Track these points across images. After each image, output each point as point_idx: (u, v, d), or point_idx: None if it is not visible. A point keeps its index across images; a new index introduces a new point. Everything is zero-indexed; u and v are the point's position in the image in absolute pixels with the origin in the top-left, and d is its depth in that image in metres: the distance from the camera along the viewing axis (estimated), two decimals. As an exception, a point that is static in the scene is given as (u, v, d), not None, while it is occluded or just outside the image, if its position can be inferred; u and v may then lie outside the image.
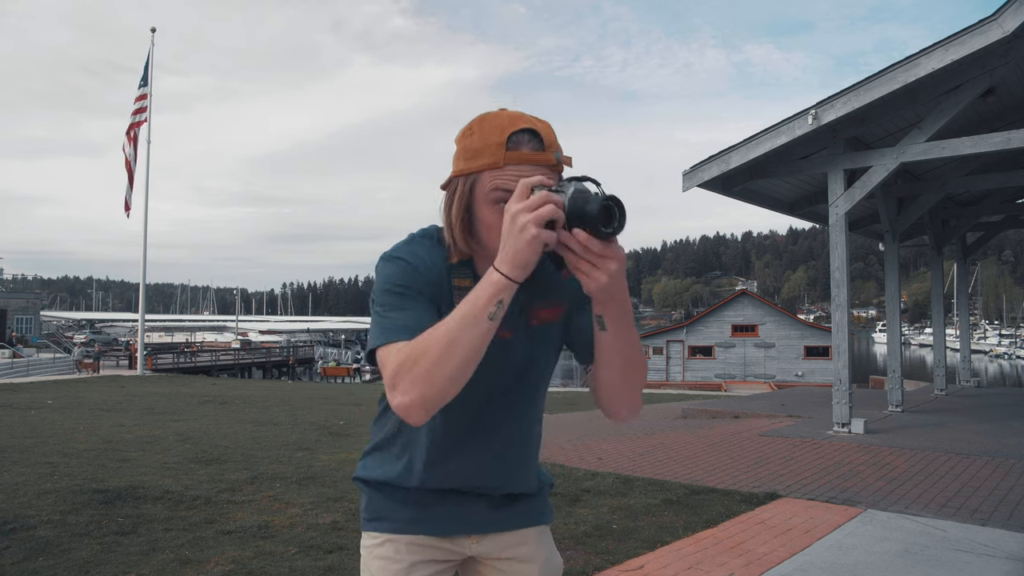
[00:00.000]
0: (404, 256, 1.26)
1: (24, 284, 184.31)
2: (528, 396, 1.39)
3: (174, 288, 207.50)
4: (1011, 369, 63.28)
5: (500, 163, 1.17)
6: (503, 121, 1.20)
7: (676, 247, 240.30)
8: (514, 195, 1.09)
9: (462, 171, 1.21)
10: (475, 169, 1.19)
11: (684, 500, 5.24)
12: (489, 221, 1.19)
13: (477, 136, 1.20)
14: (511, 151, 1.17)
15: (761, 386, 32.97)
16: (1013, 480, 5.95)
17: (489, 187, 1.18)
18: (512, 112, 1.23)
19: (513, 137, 1.17)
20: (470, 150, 1.20)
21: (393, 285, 1.23)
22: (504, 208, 1.12)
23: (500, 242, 1.11)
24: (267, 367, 41.58)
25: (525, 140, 1.18)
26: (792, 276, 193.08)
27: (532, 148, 1.18)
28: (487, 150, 1.18)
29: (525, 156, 1.16)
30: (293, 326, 76.62)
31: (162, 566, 3.66)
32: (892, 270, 11.23)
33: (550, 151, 1.19)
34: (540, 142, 1.18)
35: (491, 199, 1.18)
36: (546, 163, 1.17)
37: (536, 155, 1.17)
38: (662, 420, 11.03)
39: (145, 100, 24.60)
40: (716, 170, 9.04)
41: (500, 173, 1.17)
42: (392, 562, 1.38)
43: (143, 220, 25.61)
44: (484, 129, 1.20)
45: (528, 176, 1.14)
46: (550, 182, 1.13)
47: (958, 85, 7.91)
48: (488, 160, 1.17)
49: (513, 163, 1.16)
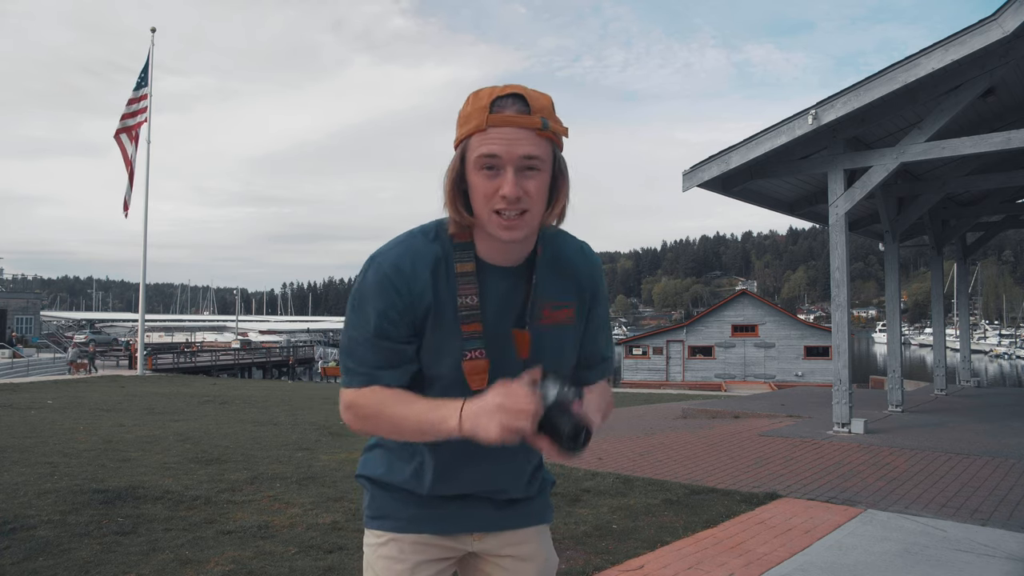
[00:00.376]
0: (388, 271, 1.26)
1: (24, 284, 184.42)
2: None
3: (174, 288, 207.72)
4: (1011, 369, 63.26)
5: (483, 125, 1.17)
6: (494, 89, 1.21)
7: (676, 247, 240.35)
8: (510, 391, 1.16)
9: (456, 140, 1.23)
10: (464, 135, 1.21)
11: (684, 500, 5.24)
12: (476, 186, 1.20)
13: (469, 104, 1.22)
14: (495, 114, 1.18)
15: (761, 386, 32.99)
16: (1013, 480, 5.95)
17: (473, 156, 1.19)
18: (508, 84, 1.24)
19: (498, 101, 1.19)
20: (462, 117, 1.22)
21: (371, 311, 1.26)
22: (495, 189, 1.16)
23: (477, 388, 1.25)
24: (267, 367, 41.57)
25: (509, 103, 1.19)
26: (792, 276, 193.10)
27: (516, 111, 1.18)
28: (474, 115, 1.19)
29: (508, 119, 1.17)
30: (293, 326, 76.68)
31: (162, 566, 3.66)
32: (892, 270, 11.23)
33: (536, 115, 1.19)
34: (526, 105, 1.19)
35: (477, 165, 1.19)
36: (530, 126, 1.18)
37: (520, 118, 1.17)
38: (662, 420, 11.03)
39: (145, 100, 24.59)
40: (716, 170, 9.04)
41: (484, 136, 1.18)
42: (396, 561, 1.39)
43: (143, 220, 25.59)
44: (478, 97, 1.22)
45: (513, 139, 1.16)
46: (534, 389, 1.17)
47: (958, 85, 7.91)
48: (474, 124, 1.19)
49: (496, 125, 1.17)
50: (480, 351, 1.28)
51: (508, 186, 1.16)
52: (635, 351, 39.76)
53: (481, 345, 1.28)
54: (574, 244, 1.39)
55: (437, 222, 1.31)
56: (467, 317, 1.27)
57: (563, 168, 1.25)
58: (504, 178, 1.17)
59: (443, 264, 1.28)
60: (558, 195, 1.25)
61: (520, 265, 1.31)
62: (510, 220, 1.19)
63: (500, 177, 1.18)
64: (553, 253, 1.35)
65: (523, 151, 1.17)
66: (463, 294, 1.27)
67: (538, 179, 1.20)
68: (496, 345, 1.30)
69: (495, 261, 1.29)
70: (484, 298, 1.29)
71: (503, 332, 1.31)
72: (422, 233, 1.30)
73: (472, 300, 1.27)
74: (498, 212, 1.19)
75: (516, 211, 1.18)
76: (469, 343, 1.28)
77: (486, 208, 1.19)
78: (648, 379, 38.16)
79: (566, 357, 1.38)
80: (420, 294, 1.26)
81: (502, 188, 1.17)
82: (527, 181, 1.18)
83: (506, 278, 1.30)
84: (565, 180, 1.25)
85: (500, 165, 1.17)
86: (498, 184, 1.17)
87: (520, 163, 1.17)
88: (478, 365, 1.28)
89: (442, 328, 1.28)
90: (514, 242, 1.23)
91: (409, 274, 1.26)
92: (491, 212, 1.19)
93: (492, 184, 1.18)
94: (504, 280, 1.30)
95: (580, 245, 1.40)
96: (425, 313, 1.27)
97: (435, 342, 1.29)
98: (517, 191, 1.17)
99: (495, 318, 1.30)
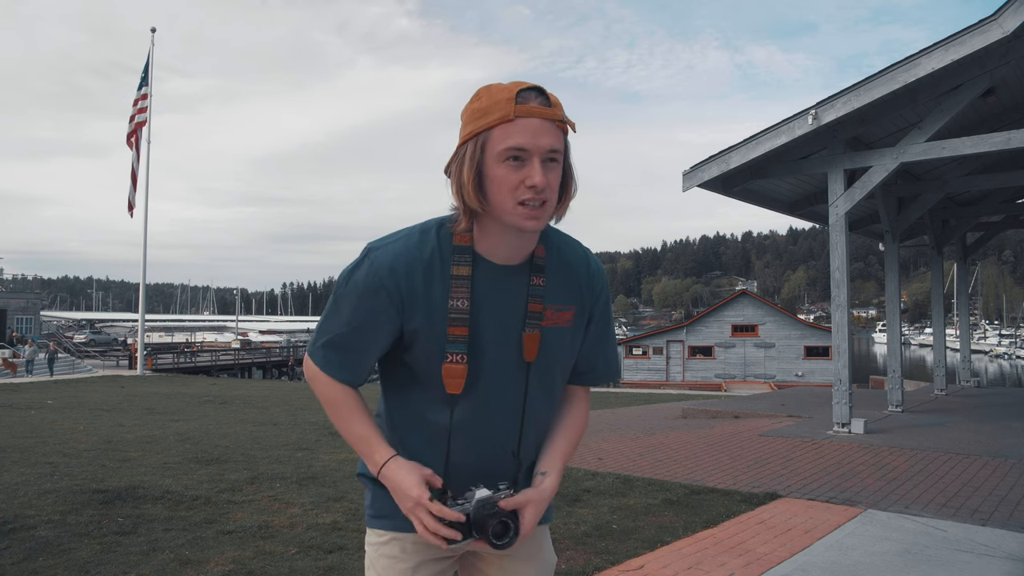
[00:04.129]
0: (382, 272, 1.27)
1: (24, 284, 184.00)
2: (542, 401, 1.40)
3: (174, 288, 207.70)
4: (1011, 369, 63.22)
5: (511, 115, 1.19)
6: (511, 84, 1.24)
7: (676, 247, 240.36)
8: (425, 505, 1.25)
9: (472, 132, 1.23)
10: (486, 126, 1.21)
11: (684, 500, 5.24)
12: (500, 178, 1.21)
13: (485, 99, 1.23)
14: (521, 104, 1.20)
15: (761, 386, 32.98)
16: (1013, 480, 5.95)
17: (500, 147, 1.20)
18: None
19: (522, 93, 1.21)
20: (479, 111, 1.22)
21: (355, 306, 1.29)
22: (508, 171, 1.19)
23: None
24: (267, 367, 41.57)
25: (533, 96, 1.21)
26: (792, 276, 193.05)
27: (540, 104, 1.21)
28: (497, 107, 1.20)
29: (535, 110, 1.20)
30: (293, 326, 76.69)
31: (162, 566, 3.66)
32: (892, 270, 11.23)
33: (556, 109, 1.22)
34: (547, 100, 1.22)
35: (502, 157, 1.20)
36: (554, 118, 1.21)
37: (545, 110, 1.20)
38: (662, 420, 11.03)
39: (145, 100, 24.60)
40: (716, 170, 9.04)
41: (510, 127, 1.19)
42: (398, 560, 1.39)
43: (143, 220, 25.61)
44: (492, 92, 1.23)
45: (539, 131, 1.19)
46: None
47: (958, 85, 7.91)
48: (499, 115, 1.20)
49: (523, 115, 1.19)
50: (461, 355, 1.29)
51: (538, 176, 1.19)
52: (635, 351, 39.74)
53: (463, 349, 1.29)
54: (579, 250, 1.41)
55: (439, 221, 1.32)
56: (455, 320, 1.28)
57: (571, 163, 1.28)
58: (532, 168, 1.19)
59: (439, 265, 1.28)
60: (567, 189, 1.28)
61: (522, 264, 1.32)
62: (534, 210, 1.21)
63: (526, 168, 1.20)
64: (559, 256, 1.36)
65: (548, 143, 1.20)
66: (455, 296, 1.28)
67: (557, 172, 1.23)
68: (491, 348, 1.31)
69: (498, 259, 1.30)
70: (481, 302, 1.30)
71: (503, 335, 1.31)
72: (422, 232, 1.31)
73: (463, 304, 1.28)
74: (522, 203, 1.20)
75: (539, 201, 1.20)
76: (452, 346, 1.29)
77: (511, 199, 1.21)
78: (648, 379, 38.16)
79: (561, 360, 1.39)
80: (410, 296, 1.27)
81: (531, 178, 1.19)
82: (549, 173, 1.21)
83: (508, 276, 1.31)
84: (572, 175, 1.28)
85: (527, 157, 1.19)
86: (524, 175, 1.19)
87: (545, 155, 1.20)
88: (456, 369, 1.29)
89: (432, 329, 1.29)
90: (535, 231, 1.25)
91: (403, 274, 1.27)
92: (516, 203, 1.21)
93: (518, 175, 1.20)
94: (505, 279, 1.31)
95: (585, 252, 1.42)
96: (413, 313, 1.28)
97: (422, 342, 1.30)
98: (544, 180, 1.19)
99: (494, 321, 1.30)
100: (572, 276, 1.37)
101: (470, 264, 1.28)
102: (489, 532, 1.24)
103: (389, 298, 1.27)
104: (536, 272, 1.32)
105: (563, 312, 1.36)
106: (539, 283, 1.32)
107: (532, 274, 1.32)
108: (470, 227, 1.28)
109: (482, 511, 1.26)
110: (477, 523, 1.26)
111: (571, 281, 1.37)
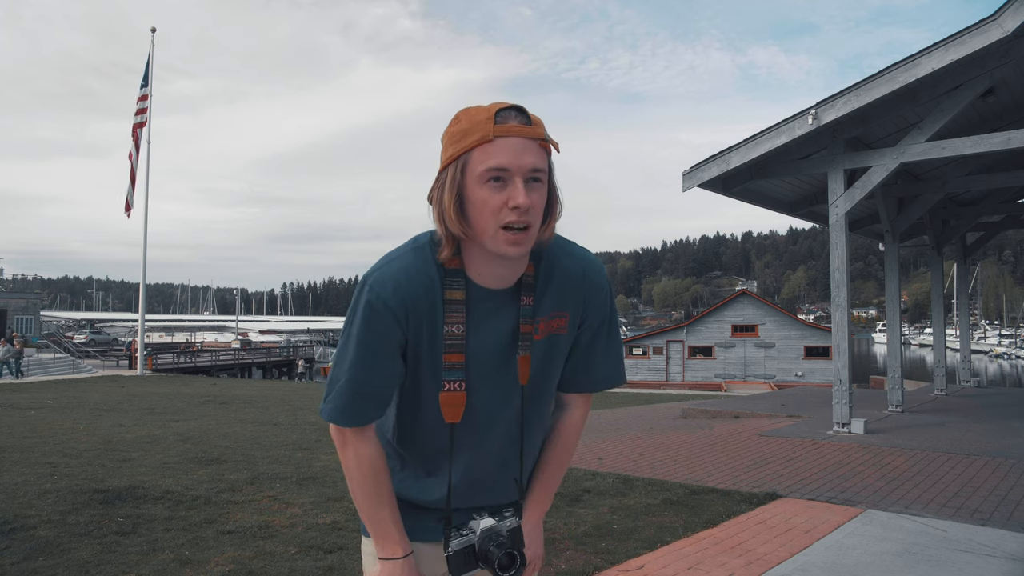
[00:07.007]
0: (382, 304, 1.22)
1: (24, 284, 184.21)
2: (536, 412, 1.39)
3: (174, 288, 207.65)
4: (1011, 369, 63.19)
5: (490, 135, 1.15)
6: (490, 105, 1.20)
7: (676, 247, 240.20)
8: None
9: (452, 155, 1.19)
10: (465, 148, 1.17)
11: (684, 500, 5.24)
12: (482, 200, 1.16)
13: (464, 121, 1.19)
14: (500, 124, 1.16)
15: (761, 386, 32.97)
16: (1013, 480, 5.95)
17: (481, 168, 1.16)
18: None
19: (501, 112, 1.17)
20: (458, 133, 1.19)
21: (369, 342, 1.24)
22: (491, 195, 1.16)
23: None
24: (267, 367, 41.57)
25: (513, 115, 1.17)
26: (792, 276, 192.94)
27: (520, 122, 1.17)
28: (476, 128, 1.17)
29: (515, 128, 1.16)
30: (293, 326, 76.59)
31: (162, 566, 3.66)
32: (892, 270, 11.23)
33: (538, 127, 1.18)
34: (527, 118, 1.18)
35: (483, 179, 1.16)
36: (535, 136, 1.17)
37: (525, 128, 1.17)
38: (662, 420, 11.03)
39: (146, 101, 24.62)
40: (716, 170, 9.04)
41: (490, 148, 1.15)
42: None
43: (143, 220, 25.62)
44: (470, 113, 1.20)
45: (520, 150, 1.15)
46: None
47: (958, 85, 7.91)
48: (478, 136, 1.16)
49: (502, 135, 1.15)
50: (459, 383, 1.26)
51: (520, 196, 1.14)
52: (635, 351, 39.72)
53: (460, 377, 1.26)
54: (577, 256, 1.35)
55: (428, 238, 1.27)
56: (450, 347, 1.25)
57: (556, 183, 1.23)
58: (514, 188, 1.15)
59: (436, 288, 1.24)
60: (552, 211, 1.23)
61: (512, 287, 1.28)
62: (516, 235, 1.16)
63: (508, 189, 1.15)
64: (552, 266, 1.31)
65: (530, 163, 1.16)
66: (450, 322, 1.24)
67: (540, 192, 1.18)
68: (487, 374, 1.29)
69: (488, 284, 1.26)
70: (473, 327, 1.26)
71: (498, 359, 1.29)
72: (415, 250, 1.26)
73: (458, 329, 1.25)
74: (505, 227, 1.16)
75: (523, 224, 1.16)
76: (449, 374, 1.26)
77: (494, 223, 1.16)
78: (648, 379, 38.15)
79: (553, 367, 1.36)
80: (415, 312, 1.24)
81: (514, 199, 1.14)
82: (532, 193, 1.17)
83: (499, 300, 1.27)
84: (557, 196, 1.24)
85: (508, 177, 1.15)
86: (506, 196, 1.15)
87: (528, 175, 1.16)
88: (455, 397, 1.27)
89: (430, 355, 1.26)
90: (519, 257, 1.21)
91: (406, 291, 1.22)
92: (498, 227, 1.16)
93: (500, 197, 1.15)
94: (497, 303, 1.27)
95: (583, 258, 1.35)
96: (418, 336, 1.25)
97: (419, 369, 1.28)
98: (528, 200, 1.15)
99: (488, 346, 1.27)
100: (566, 283, 1.31)
101: (463, 288, 1.25)
102: (495, 564, 1.23)
103: (395, 318, 1.23)
104: (526, 292, 1.28)
105: (557, 319, 1.32)
106: (528, 303, 1.28)
107: (522, 294, 1.28)
108: (453, 254, 1.23)
109: (487, 543, 1.24)
110: (482, 554, 1.24)
111: (564, 287, 1.32)
